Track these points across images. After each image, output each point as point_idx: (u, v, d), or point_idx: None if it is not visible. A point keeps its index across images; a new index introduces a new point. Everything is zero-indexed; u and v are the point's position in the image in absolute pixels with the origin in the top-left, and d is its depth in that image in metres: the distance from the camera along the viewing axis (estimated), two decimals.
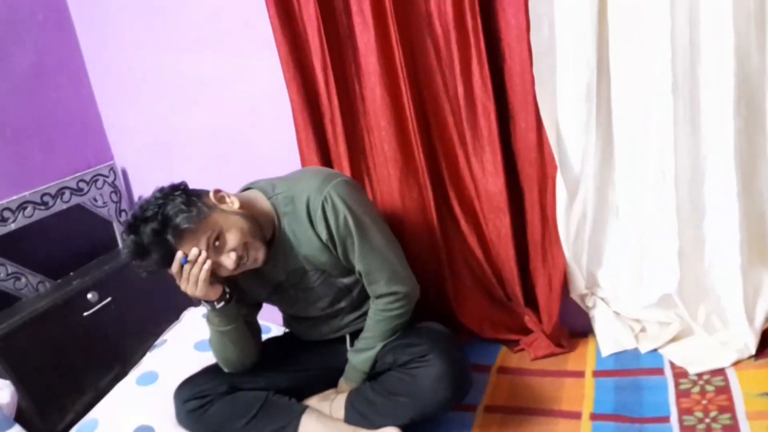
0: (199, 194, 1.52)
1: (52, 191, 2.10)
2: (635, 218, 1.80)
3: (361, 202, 1.62)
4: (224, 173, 1.62)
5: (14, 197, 1.99)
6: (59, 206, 2.12)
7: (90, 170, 2.25)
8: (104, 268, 2.16)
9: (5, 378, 1.69)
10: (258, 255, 1.52)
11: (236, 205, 1.53)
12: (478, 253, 1.96)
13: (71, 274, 2.14)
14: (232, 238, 1.48)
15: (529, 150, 1.78)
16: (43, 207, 2.06)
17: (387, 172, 1.92)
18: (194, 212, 1.45)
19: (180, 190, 1.50)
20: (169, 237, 1.43)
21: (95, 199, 2.26)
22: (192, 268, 1.48)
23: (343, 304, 1.72)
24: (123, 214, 2.36)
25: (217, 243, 1.47)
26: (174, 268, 1.48)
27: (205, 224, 1.46)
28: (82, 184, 2.20)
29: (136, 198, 2.42)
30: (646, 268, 1.81)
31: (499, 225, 1.89)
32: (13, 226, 1.97)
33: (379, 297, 1.66)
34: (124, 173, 2.40)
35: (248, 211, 1.55)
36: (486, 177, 1.86)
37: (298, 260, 1.63)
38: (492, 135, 1.80)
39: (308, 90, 1.92)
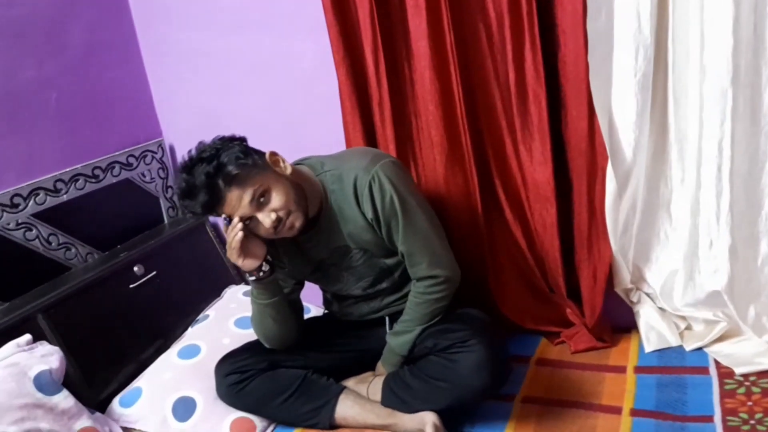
0: (256, 151, 1.55)
1: (103, 165, 2.14)
2: (687, 213, 1.75)
3: (408, 184, 1.62)
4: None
5: (67, 169, 2.03)
6: (109, 180, 2.17)
7: (139, 146, 2.29)
8: (150, 243, 2.20)
9: (54, 344, 1.74)
10: (296, 223, 1.53)
11: (288, 171, 1.55)
12: (522, 242, 1.94)
13: (118, 246, 2.19)
14: (276, 199, 1.50)
15: (580, 140, 1.75)
16: (93, 180, 2.11)
17: (433, 157, 1.91)
18: (249, 162, 1.48)
19: (239, 140, 1.54)
20: (220, 181, 1.46)
21: (143, 175, 2.30)
22: (228, 230, 1.51)
23: (384, 284, 1.73)
24: (169, 190, 2.40)
25: (262, 199, 1.49)
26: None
27: (256, 177, 1.48)
28: (131, 159, 2.24)
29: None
30: (696, 264, 1.77)
31: (545, 215, 1.86)
32: (65, 197, 2.02)
33: (420, 280, 1.66)
34: (172, 150, 2.44)
35: (298, 181, 1.56)
36: (534, 166, 1.84)
37: (342, 238, 1.64)
38: (542, 123, 1.77)
39: (357, 73, 1.91)
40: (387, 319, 1.78)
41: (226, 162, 1.47)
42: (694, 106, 1.65)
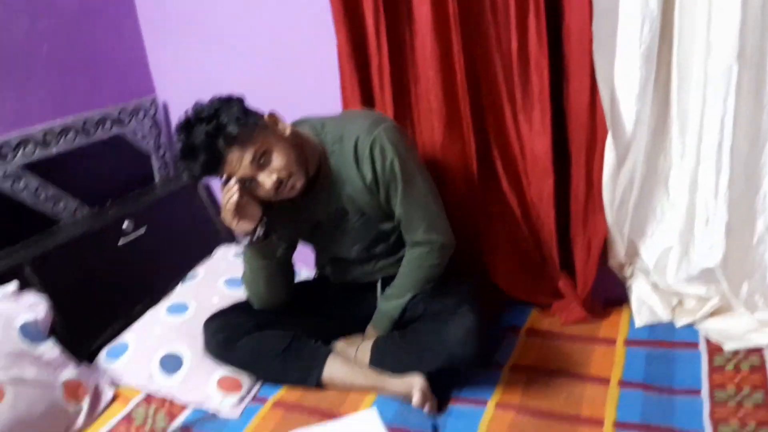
0: (255, 111, 1.52)
1: (94, 119, 2.11)
2: (685, 189, 1.75)
3: (408, 149, 1.61)
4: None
5: (57, 121, 1.99)
6: (100, 135, 2.13)
7: (132, 102, 2.25)
8: (141, 200, 2.18)
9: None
10: (297, 184, 1.51)
11: (288, 132, 1.53)
12: (518, 213, 1.93)
13: (108, 202, 2.16)
14: (277, 160, 1.48)
15: (581, 111, 1.73)
16: (84, 134, 2.07)
17: (431, 124, 1.89)
18: (249, 122, 1.45)
19: (237, 100, 1.50)
20: (220, 141, 1.44)
21: (135, 132, 2.26)
22: (224, 192, 1.49)
23: (379, 248, 1.72)
24: (161, 148, 2.37)
25: (262, 160, 1.47)
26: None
27: (256, 138, 1.46)
28: (123, 115, 2.20)
29: (174, 132, 2.42)
30: (691, 241, 1.77)
31: (542, 186, 1.85)
32: (54, 151, 1.98)
33: (415, 245, 1.66)
34: (165, 108, 2.40)
35: (297, 141, 1.54)
36: (533, 136, 1.82)
37: (340, 200, 1.63)
38: (543, 93, 1.75)
39: (357, 36, 1.88)
40: (379, 283, 1.77)
41: (226, 122, 1.44)
42: (697, 82, 1.63)
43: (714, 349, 1.67)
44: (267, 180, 1.47)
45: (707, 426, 1.40)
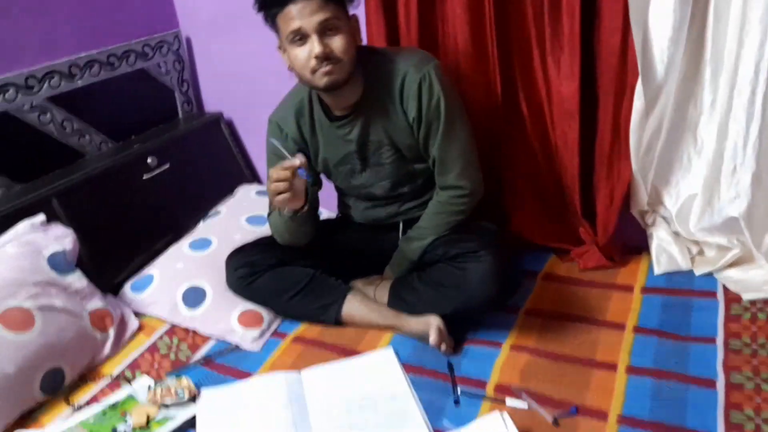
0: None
1: (118, 53, 2.10)
2: (713, 137, 1.71)
3: (454, 90, 1.61)
4: None
5: (82, 54, 1.99)
6: (124, 69, 2.13)
7: (156, 36, 2.23)
8: (165, 136, 2.20)
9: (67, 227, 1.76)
10: (334, 73, 1.48)
11: (359, 41, 1.55)
12: (541, 157, 1.91)
13: (132, 137, 2.18)
14: (339, 41, 1.47)
15: (612, 54, 1.68)
16: (109, 67, 2.07)
17: (457, 63, 1.85)
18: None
19: None
20: None
21: (159, 66, 2.26)
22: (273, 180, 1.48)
23: (405, 188, 1.72)
24: (185, 84, 2.36)
25: (328, 32, 1.46)
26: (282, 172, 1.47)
27: (337, 12, 1.46)
28: (147, 49, 2.19)
29: (198, 69, 2.41)
30: (716, 190, 1.74)
31: (567, 131, 1.82)
32: (80, 83, 1.99)
33: (445, 188, 1.66)
34: (189, 42, 2.38)
35: (359, 50, 1.55)
36: (561, 79, 1.77)
37: (377, 132, 1.63)
38: (573, 34, 1.69)
39: None
40: (401, 224, 1.78)
41: None
42: (734, 25, 1.57)
43: (731, 299, 1.66)
44: (318, 45, 1.45)
45: (720, 373, 1.41)
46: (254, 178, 2.43)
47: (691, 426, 1.28)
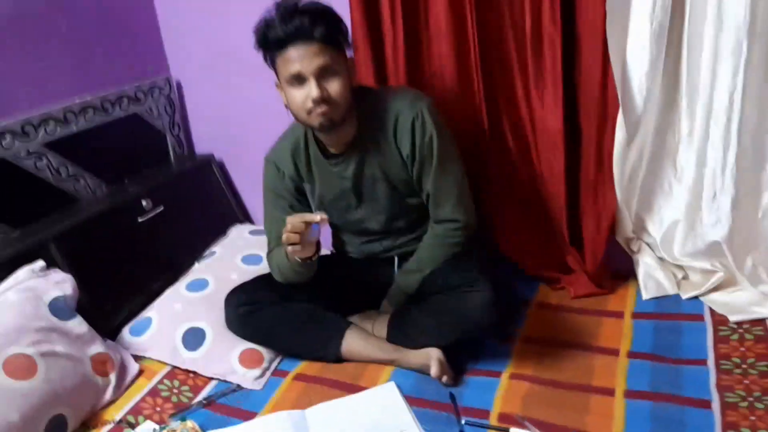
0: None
1: (112, 98, 2.13)
2: (692, 165, 1.79)
3: (446, 127, 1.66)
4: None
5: (77, 101, 2.02)
6: (118, 113, 2.16)
7: (147, 80, 2.27)
8: (157, 178, 2.22)
9: (66, 272, 1.76)
10: (330, 115, 1.54)
11: (354, 82, 1.61)
12: (528, 188, 1.97)
13: (126, 181, 2.20)
14: (335, 84, 1.52)
15: (593, 87, 1.76)
16: (102, 112, 2.10)
17: (444, 100, 1.90)
18: (343, 42, 1.56)
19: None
20: (317, 29, 1.47)
21: (151, 110, 2.29)
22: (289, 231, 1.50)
23: (401, 223, 1.77)
24: (176, 127, 2.40)
25: (328, 75, 1.51)
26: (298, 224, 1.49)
27: (338, 58, 1.52)
28: (139, 94, 2.23)
29: (189, 112, 2.45)
30: (698, 215, 1.81)
31: (552, 161, 1.89)
32: (74, 129, 2.01)
33: (440, 222, 1.71)
34: (179, 86, 2.42)
35: (354, 91, 1.60)
36: (545, 112, 1.85)
37: (373, 167, 1.67)
38: (556, 69, 1.77)
39: (371, 13, 1.89)
40: (397, 258, 1.82)
41: (335, 23, 1.52)
42: (707, 58, 1.66)
43: (719, 321, 1.72)
44: (315, 89, 1.49)
45: (714, 394, 1.45)
46: (246, 218, 2.46)
47: None
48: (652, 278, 1.90)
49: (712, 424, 1.37)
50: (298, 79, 1.51)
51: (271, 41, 1.52)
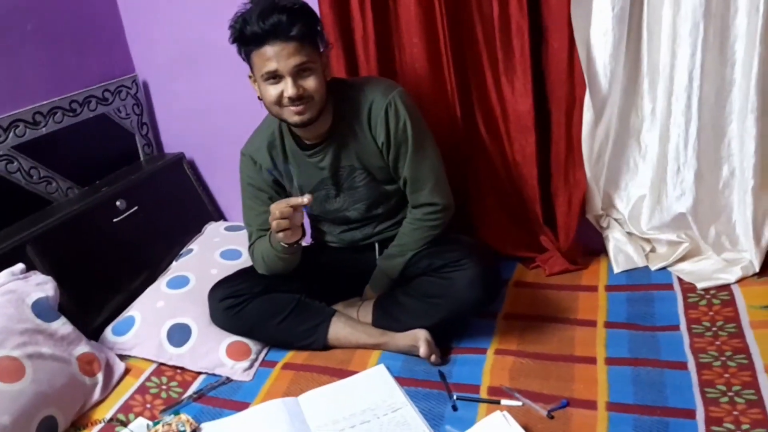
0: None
1: (80, 99, 2.10)
2: (656, 142, 1.87)
3: (419, 113, 1.70)
4: (247, 87, 1.65)
5: (45, 102, 1.99)
6: (86, 114, 2.13)
7: (114, 81, 2.24)
8: (129, 178, 2.20)
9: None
10: (306, 113, 1.56)
11: (329, 76, 1.63)
12: (502, 171, 2.02)
13: (97, 182, 2.17)
14: (312, 82, 1.55)
15: (560, 71, 1.82)
16: (71, 114, 2.07)
17: (417, 90, 1.95)
18: (319, 42, 1.58)
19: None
20: (295, 28, 1.48)
21: (119, 110, 2.26)
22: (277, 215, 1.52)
23: (380, 210, 1.79)
24: (144, 126, 2.37)
25: (303, 72, 1.53)
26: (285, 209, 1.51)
27: (312, 55, 1.54)
28: (107, 94, 2.20)
29: (156, 111, 2.43)
30: (663, 189, 1.90)
31: (524, 145, 1.94)
32: (44, 131, 1.98)
33: (418, 206, 1.74)
34: (146, 86, 2.39)
35: (329, 85, 1.62)
36: (515, 97, 1.90)
37: (349, 157, 1.70)
38: (524, 55, 1.83)
39: (341, 5, 1.92)
40: (377, 245, 1.85)
41: (313, 22, 1.54)
42: (666, 39, 1.74)
43: (687, 288, 1.81)
44: (291, 88, 1.51)
45: (689, 356, 1.53)
46: (220, 215, 2.45)
47: (672, 405, 1.39)
48: (622, 252, 1.97)
49: (689, 383, 1.45)
50: (274, 77, 1.53)
51: (247, 37, 1.53)
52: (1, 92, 1.90)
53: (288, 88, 1.52)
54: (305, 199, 1.49)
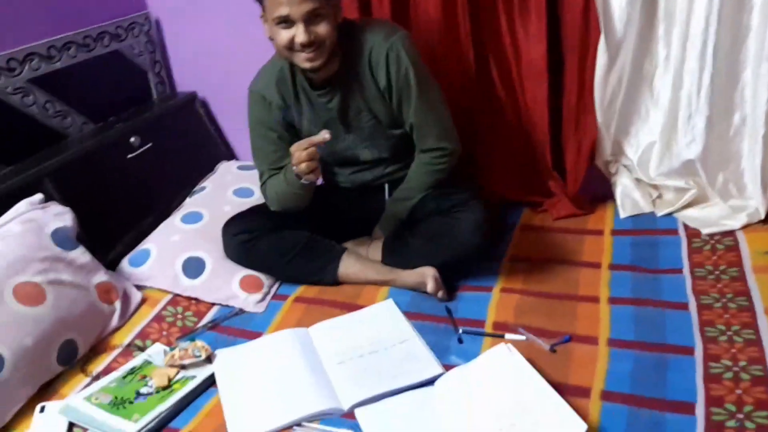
0: None
1: (93, 34, 2.11)
2: (668, 88, 1.87)
3: (420, 59, 1.70)
4: (259, 27, 1.65)
5: (59, 36, 2.00)
6: (100, 50, 2.14)
7: (127, 17, 2.24)
8: (144, 116, 2.22)
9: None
10: (317, 58, 1.58)
11: (340, 19, 1.63)
12: (512, 116, 2.03)
13: (111, 118, 2.19)
14: (323, 28, 1.55)
15: (576, 15, 1.81)
16: (85, 48, 2.08)
17: (430, 33, 1.95)
18: None
19: None
20: None
21: (132, 47, 2.27)
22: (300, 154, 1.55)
23: (388, 152, 1.82)
24: (157, 65, 2.38)
25: (315, 18, 1.54)
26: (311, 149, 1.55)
27: (325, 1, 1.53)
28: (120, 30, 2.20)
29: (169, 50, 2.43)
30: (674, 136, 1.90)
31: (536, 90, 1.95)
32: (59, 65, 2.00)
33: (426, 151, 1.76)
34: (158, 24, 2.39)
35: (338, 30, 1.62)
36: (529, 42, 1.90)
37: (356, 99, 1.71)
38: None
39: None
40: (387, 186, 1.88)
41: None
42: None
43: (692, 234, 1.83)
44: (302, 33, 1.53)
45: (690, 297, 1.57)
46: (231, 155, 2.48)
47: (671, 342, 1.43)
48: (629, 198, 2.00)
49: (690, 323, 1.48)
50: (286, 21, 1.53)
51: None
52: (17, 25, 1.91)
53: (299, 34, 1.52)
54: (326, 135, 1.52)
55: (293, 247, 1.79)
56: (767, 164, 1.79)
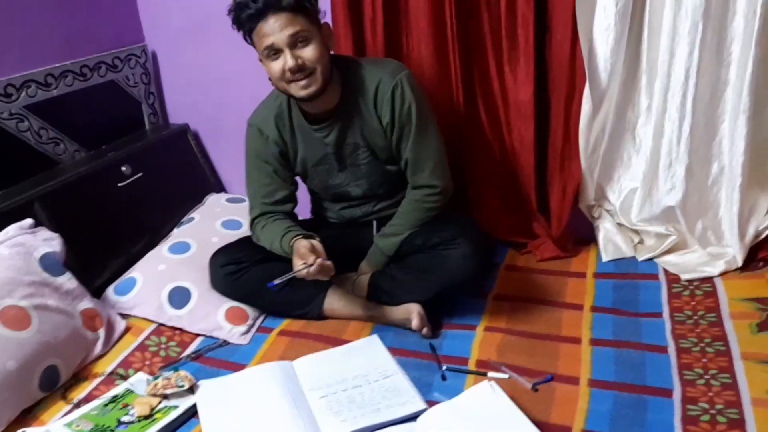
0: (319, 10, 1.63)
1: (91, 64, 2.15)
2: (650, 136, 1.93)
3: (424, 96, 1.75)
4: (252, 62, 1.69)
5: (57, 65, 2.03)
6: (96, 80, 2.18)
7: (124, 49, 2.28)
8: (136, 145, 2.25)
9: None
10: (310, 85, 1.60)
11: (332, 50, 1.65)
12: (499, 158, 2.08)
13: (104, 147, 2.22)
14: (311, 51, 1.57)
15: (562, 62, 1.88)
16: (81, 78, 2.12)
17: (421, 74, 1.99)
18: (311, 8, 1.59)
19: None
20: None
21: (128, 78, 2.31)
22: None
23: (381, 189, 1.85)
24: (151, 96, 2.41)
25: (300, 43, 1.56)
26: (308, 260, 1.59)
27: (309, 24, 1.57)
28: (116, 61, 2.24)
29: (163, 81, 2.47)
30: (655, 183, 1.96)
31: (523, 133, 2.00)
32: (55, 93, 2.03)
33: (418, 187, 1.79)
34: (155, 56, 2.43)
35: (333, 62, 1.66)
36: (517, 86, 1.96)
37: (354, 134, 1.74)
38: (528, 45, 1.89)
39: None
40: (375, 222, 1.90)
41: None
42: (666, 37, 1.79)
43: (672, 279, 1.87)
44: (290, 59, 1.55)
45: (670, 340, 1.60)
46: (221, 187, 2.50)
47: (651, 384, 1.45)
48: (611, 242, 2.04)
49: (668, 365, 1.51)
50: (275, 52, 1.57)
51: (244, 20, 1.57)
52: (16, 52, 1.94)
53: (287, 59, 1.56)
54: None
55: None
56: (744, 213, 1.85)
